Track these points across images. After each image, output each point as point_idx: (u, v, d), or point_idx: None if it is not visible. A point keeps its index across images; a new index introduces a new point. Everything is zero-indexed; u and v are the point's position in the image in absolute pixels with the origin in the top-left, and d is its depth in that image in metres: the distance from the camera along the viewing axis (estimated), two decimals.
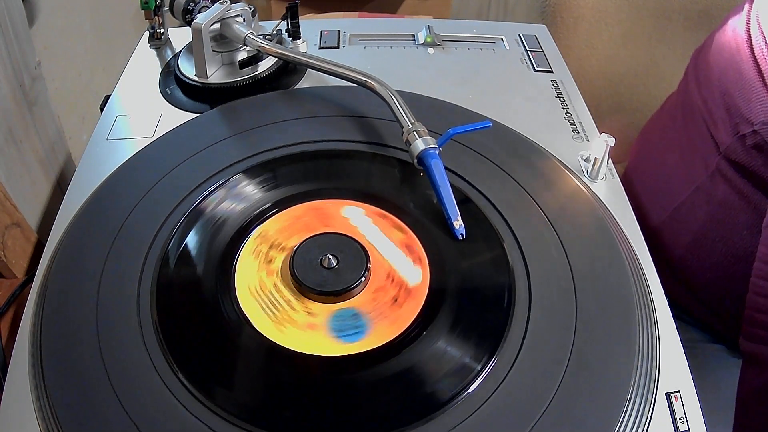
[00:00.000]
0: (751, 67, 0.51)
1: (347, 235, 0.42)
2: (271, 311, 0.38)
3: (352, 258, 0.40)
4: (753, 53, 0.51)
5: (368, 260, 0.40)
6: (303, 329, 0.37)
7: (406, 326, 0.37)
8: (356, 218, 0.43)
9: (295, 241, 0.41)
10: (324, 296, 0.38)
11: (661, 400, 0.35)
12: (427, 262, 0.41)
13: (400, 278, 0.40)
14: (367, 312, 0.38)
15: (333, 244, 0.41)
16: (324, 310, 0.38)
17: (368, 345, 0.36)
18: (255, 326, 0.37)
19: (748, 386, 0.49)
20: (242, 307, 0.38)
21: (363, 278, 0.39)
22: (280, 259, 0.41)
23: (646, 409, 0.34)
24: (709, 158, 0.56)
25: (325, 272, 0.39)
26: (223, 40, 0.55)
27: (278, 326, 0.37)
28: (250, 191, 0.45)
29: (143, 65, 0.59)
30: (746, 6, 0.55)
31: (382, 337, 0.37)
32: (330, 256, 0.40)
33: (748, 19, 0.53)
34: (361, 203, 0.44)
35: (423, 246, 0.42)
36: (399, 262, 0.41)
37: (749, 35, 0.52)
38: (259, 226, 0.43)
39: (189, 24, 0.55)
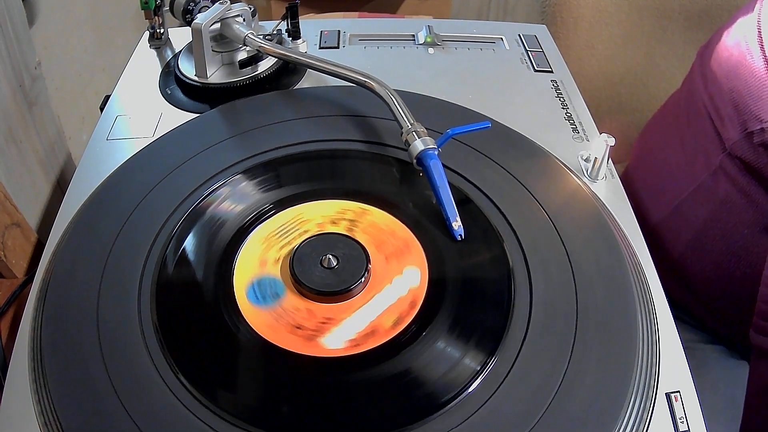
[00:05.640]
0: (762, 65, 0.51)
1: (347, 235, 0.42)
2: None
3: (352, 258, 0.40)
4: (764, 51, 0.51)
5: (368, 260, 0.40)
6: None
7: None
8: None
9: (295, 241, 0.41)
10: (324, 296, 0.38)
11: (661, 400, 0.35)
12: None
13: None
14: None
15: (333, 244, 0.41)
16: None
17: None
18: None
19: (759, 380, 0.49)
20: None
21: (363, 278, 0.39)
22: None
23: (647, 408, 0.34)
24: (713, 155, 0.56)
25: (325, 272, 0.39)
26: (223, 40, 0.55)
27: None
28: (250, 192, 0.45)
29: (143, 65, 0.59)
30: (757, 5, 0.55)
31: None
32: (330, 256, 0.40)
33: (759, 17, 0.53)
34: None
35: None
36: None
37: (760, 34, 0.52)
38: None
39: (189, 24, 0.55)
